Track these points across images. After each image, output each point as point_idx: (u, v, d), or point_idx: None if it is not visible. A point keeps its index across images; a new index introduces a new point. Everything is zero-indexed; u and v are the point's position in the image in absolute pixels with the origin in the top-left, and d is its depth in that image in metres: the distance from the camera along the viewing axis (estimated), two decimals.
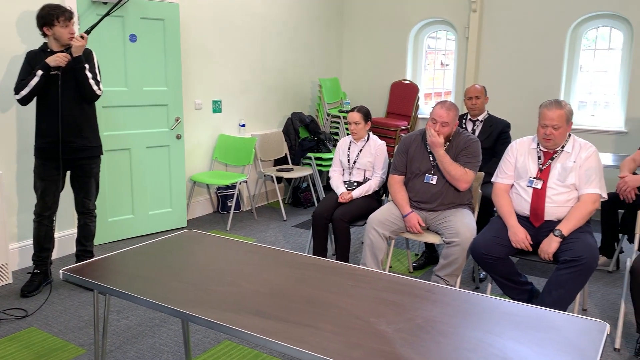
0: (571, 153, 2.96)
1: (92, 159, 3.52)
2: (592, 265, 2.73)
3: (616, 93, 5.58)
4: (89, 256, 3.65)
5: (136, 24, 4.30)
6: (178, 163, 4.76)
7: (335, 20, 6.75)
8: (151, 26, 4.39)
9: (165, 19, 4.44)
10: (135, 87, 4.39)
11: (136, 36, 4.30)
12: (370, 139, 3.88)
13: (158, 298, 1.89)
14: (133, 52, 4.32)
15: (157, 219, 4.70)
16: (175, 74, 4.58)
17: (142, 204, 4.59)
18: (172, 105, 4.61)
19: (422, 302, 1.87)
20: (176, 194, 4.79)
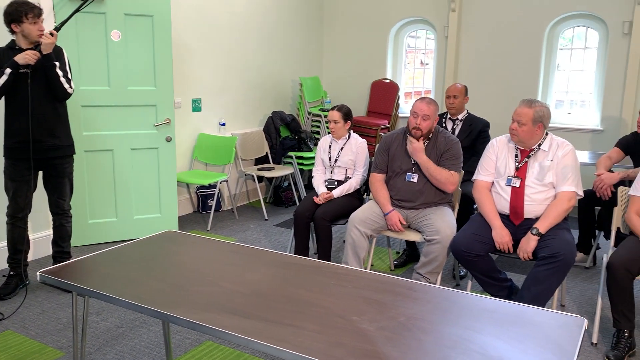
0: (548, 152, 3.01)
1: (64, 158, 3.45)
2: (569, 261, 2.77)
3: (592, 92, 5.68)
4: (66, 257, 3.60)
5: (119, 20, 4.14)
6: (168, 167, 4.53)
7: (315, 19, 6.75)
8: (137, 23, 4.20)
9: (154, 15, 4.23)
10: (119, 87, 4.24)
11: (119, 33, 4.17)
12: (351, 137, 3.89)
13: (139, 299, 1.87)
14: (116, 50, 4.19)
15: (144, 224, 4.52)
16: (165, 73, 4.37)
17: (126, 208, 4.44)
18: (161, 106, 4.39)
19: (403, 300, 1.88)
20: (167, 199, 4.56)
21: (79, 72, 4.10)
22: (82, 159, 4.22)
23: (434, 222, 3.23)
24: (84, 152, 4.22)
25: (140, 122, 4.37)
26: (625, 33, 5.27)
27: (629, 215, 2.98)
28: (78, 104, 4.14)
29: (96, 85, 4.18)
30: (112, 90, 4.23)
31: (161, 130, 4.43)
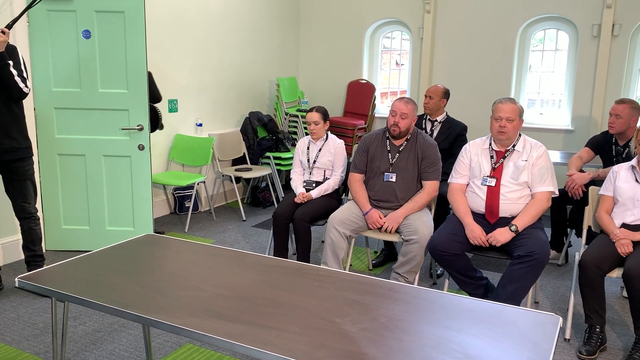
0: (522, 152, 3.08)
1: (23, 160, 3.35)
2: (543, 260, 2.85)
3: (563, 92, 5.81)
4: (40, 260, 3.52)
5: (90, 18, 3.96)
6: (142, 177, 4.17)
7: (292, 19, 6.75)
8: (109, 20, 3.94)
9: (125, 11, 3.92)
10: (90, 89, 4.04)
11: (90, 32, 3.98)
12: (329, 138, 3.92)
13: (119, 304, 1.86)
14: (87, 50, 3.99)
15: (117, 236, 4.26)
16: (138, 75, 4.01)
17: (99, 218, 4.23)
18: (134, 111, 4.05)
19: (384, 301, 1.91)
20: (140, 213, 4.23)
21: (51, 73, 4.00)
22: (55, 163, 4.13)
23: (411, 222, 3.28)
24: (58, 155, 4.12)
25: (112, 128, 4.11)
26: (594, 35, 5.41)
27: (599, 214, 3.08)
28: (51, 106, 4.05)
29: (68, 87, 4.04)
30: (83, 92, 4.05)
31: (133, 137, 4.11)
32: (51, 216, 4.21)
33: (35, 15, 3.91)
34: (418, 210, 3.37)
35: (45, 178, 4.17)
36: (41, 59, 3.99)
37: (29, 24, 3.93)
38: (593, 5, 5.37)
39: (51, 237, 4.25)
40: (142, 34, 3.99)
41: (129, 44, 4.00)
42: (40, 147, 4.12)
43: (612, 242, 2.90)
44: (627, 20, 5.25)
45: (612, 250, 2.86)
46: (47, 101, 4.04)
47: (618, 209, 3.01)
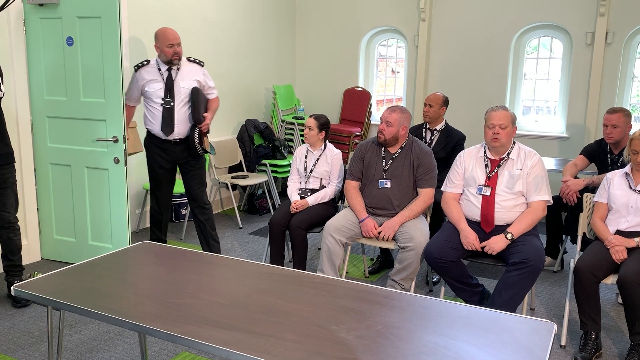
0: (516, 160, 3.10)
1: (3, 167, 3.29)
2: (539, 266, 2.86)
3: (558, 100, 5.85)
4: (19, 270, 3.48)
5: (73, 24, 3.79)
6: (118, 193, 3.92)
7: (288, 27, 6.78)
8: (88, 26, 3.76)
9: (102, 16, 3.70)
10: (74, 98, 3.90)
11: (73, 39, 3.82)
12: (327, 148, 3.93)
13: (116, 312, 1.86)
14: (71, 57, 3.86)
15: (98, 252, 4.08)
16: (113, 83, 3.75)
17: (83, 231, 4.09)
18: (110, 121, 3.81)
19: (380, 309, 1.92)
20: (117, 229, 3.99)
21: (44, 81, 3.98)
22: (48, 172, 4.12)
23: (407, 229, 3.29)
24: (50, 164, 4.09)
25: (92, 138, 3.93)
26: (588, 43, 5.45)
27: (594, 220, 3.10)
28: (43, 114, 4.03)
29: (56, 95, 3.97)
30: (68, 101, 3.94)
31: (110, 150, 3.87)
32: (46, 225, 4.20)
33: (30, 23, 3.91)
34: (414, 217, 3.38)
35: (41, 187, 4.16)
36: (36, 67, 3.99)
37: (25, 32, 3.94)
38: (586, 13, 5.42)
39: (45, 246, 4.24)
40: (117, 40, 3.71)
41: (105, 51, 3.76)
42: (36, 155, 4.12)
43: (607, 249, 2.92)
44: (621, 28, 5.30)
45: (606, 257, 2.88)
46: (42, 109, 4.04)
47: (612, 215, 3.03)
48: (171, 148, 3.92)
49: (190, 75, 3.88)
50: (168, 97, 3.81)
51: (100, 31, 3.75)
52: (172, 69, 3.82)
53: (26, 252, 4.10)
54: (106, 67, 3.78)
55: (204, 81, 3.95)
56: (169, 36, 3.74)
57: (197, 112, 3.84)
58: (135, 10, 4.71)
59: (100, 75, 3.81)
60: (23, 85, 3.97)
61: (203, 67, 3.97)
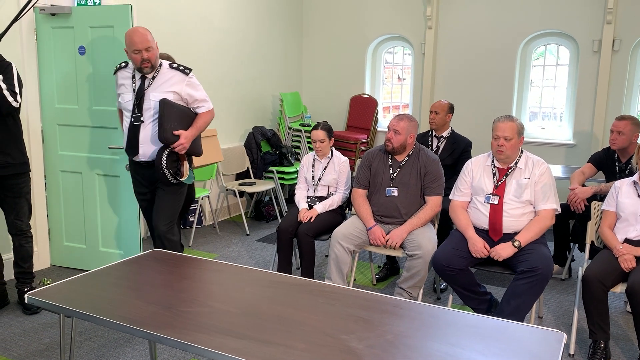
0: (524, 169, 3.11)
1: (18, 177, 3.31)
2: (547, 275, 2.86)
3: (564, 107, 5.85)
4: (30, 277, 3.51)
5: (85, 33, 3.87)
6: (129, 200, 3.97)
7: (295, 35, 6.83)
8: (101, 35, 3.85)
9: (114, 26, 3.80)
10: (85, 106, 3.97)
11: (85, 48, 3.89)
12: (334, 155, 3.94)
13: (127, 320, 1.88)
14: (83, 66, 3.93)
15: (109, 258, 4.13)
16: None
17: (93, 237, 4.13)
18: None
19: (390, 318, 1.93)
20: (128, 235, 4.05)
21: (55, 90, 4.02)
22: (58, 179, 4.15)
23: (415, 237, 3.30)
24: (60, 172, 4.13)
25: (104, 146, 4.00)
26: (594, 51, 5.46)
27: (602, 229, 3.09)
28: (54, 122, 4.07)
29: (67, 104, 4.02)
30: (79, 109, 4.00)
31: (122, 157, 3.93)
32: (56, 232, 4.24)
33: (42, 32, 3.96)
34: (422, 225, 3.39)
35: (51, 194, 4.20)
36: (47, 76, 4.04)
37: (37, 41, 3.99)
38: (593, 21, 5.43)
39: (55, 252, 4.27)
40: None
41: (117, 59, 3.82)
42: (46, 163, 4.16)
43: (615, 258, 2.91)
44: (627, 35, 5.30)
45: (615, 265, 2.87)
46: (52, 117, 4.08)
47: (620, 224, 3.03)
48: (141, 170, 3.39)
49: (167, 86, 3.23)
50: (137, 111, 3.23)
51: (113, 40, 3.83)
52: (146, 77, 3.25)
53: (36, 258, 4.13)
54: None
55: (186, 93, 3.27)
56: (135, 40, 3.14)
57: (161, 129, 3.16)
58: (143, 19, 4.76)
59: (113, 83, 3.85)
60: (34, 93, 4.01)
61: (189, 76, 3.29)
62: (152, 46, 3.16)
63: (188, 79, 3.27)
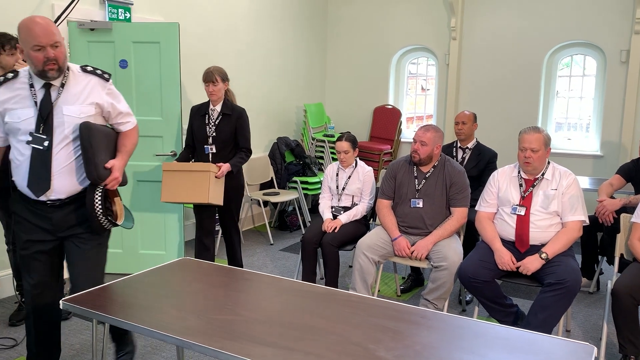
0: (551, 180, 3.09)
1: None
2: (575, 287, 2.83)
3: (591, 118, 5.79)
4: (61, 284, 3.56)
5: (127, 48, 4.08)
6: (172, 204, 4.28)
7: (319, 46, 6.89)
8: (145, 50, 4.09)
9: (160, 42, 4.07)
10: None
11: (127, 62, 4.13)
12: (358, 165, 3.97)
13: (159, 327, 1.92)
14: (124, 79, 4.13)
15: (149, 260, 4.34)
16: (172, 102, 4.15)
17: (132, 241, 4.34)
18: (167, 137, 4.19)
19: (417, 328, 1.93)
20: (171, 236, 4.34)
21: None
22: None
23: (441, 248, 3.29)
24: None
25: (146, 154, 4.22)
26: (622, 61, 5.40)
27: (632, 241, 3.05)
28: None
29: None
30: None
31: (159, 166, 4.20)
32: None
33: (76, 45, 4.08)
34: (447, 237, 3.38)
35: None
36: None
37: (70, 54, 4.11)
38: (621, 31, 5.37)
39: None
40: (177, 64, 4.12)
41: (163, 73, 4.14)
42: None
43: None
44: None
45: None
46: None
47: None
48: (46, 213, 2.42)
49: (84, 96, 2.42)
50: (42, 131, 2.33)
51: (159, 55, 4.13)
52: (53, 85, 2.36)
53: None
54: (164, 88, 4.16)
55: (109, 105, 2.50)
56: (36, 32, 2.22)
57: (90, 166, 2.35)
58: None
59: (158, 95, 4.16)
60: None
61: (109, 82, 2.52)
62: (59, 41, 2.27)
63: (109, 85, 2.51)
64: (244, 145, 3.89)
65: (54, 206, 2.41)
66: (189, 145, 3.95)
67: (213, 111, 3.84)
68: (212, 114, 3.84)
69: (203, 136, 3.84)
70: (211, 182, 3.63)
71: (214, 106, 3.83)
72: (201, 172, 3.63)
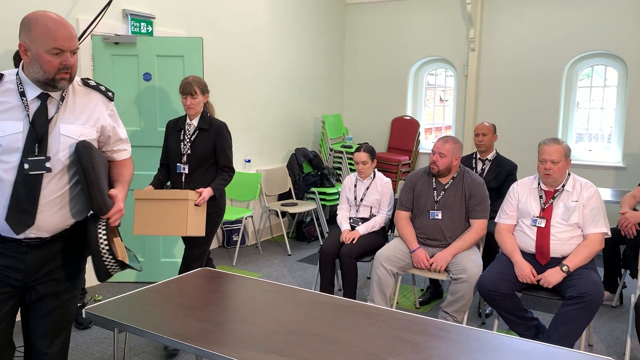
0: (572, 192, 3.06)
1: None
2: (597, 301, 2.79)
3: (613, 128, 5.72)
4: (82, 293, 3.60)
5: (151, 62, 4.19)
6: None
7: (337, 58, 6.93)
8: (169, 64, 4.21)
9: (185, 56, 4.21)
10: (150, 128, 4.27)
11: (151, 75, 4.21)
12: (376, 176, 3.97)
13: (179, 336, 1.94)
14: (148, 91, 4.23)
15: (170, 267, 4.41)
16: None
17: (154, 250, 4.41)
18: None
19: (436, 341, 1.93)
20: None
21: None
22: None
23: (460, 260, 3.27)
24: None
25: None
26: None
27: None
28: None
29: (128, 126, 4.22)
30: (142, 131, 4.29)
31: None
32: None
33: (99, 59, 4.17)
34: (466, 249, 3.36)
35: None
36: None
37: (93, 67, 4.20)
38: None
39: None
40: (200, 75, 4.15)
41: None
42: None
43: None
44: None
45: None
46: None
47: None
48: (20, 254, 1.91)
49: (86, 116, 1.99)
50: (37, 152, 1.87)
51: (183, 69, 4.21)
52: (51, 97, 1.91)
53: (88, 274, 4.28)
54: None
55: (111, 128, 2.09)
56: (62, 33, 1.83)
57: (95, 192, 1.91)
58: None
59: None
60: None
61: (112, 103, 2.11)
62: (78, 48, 1.92)
63: (111, 106, 2.11)
64: (225, 164, 3.44)
65: (30, 245, 1.91)
66: (164, 164, 3.55)
67: (189, 126, 3.42)
68: (187, 129, 3.42)
69: (177, 154, 3.42)
70: (190, 211, 3.13)
71: (191, 120, 3.42)
72: (178, 200, 3.13)
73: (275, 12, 5.86)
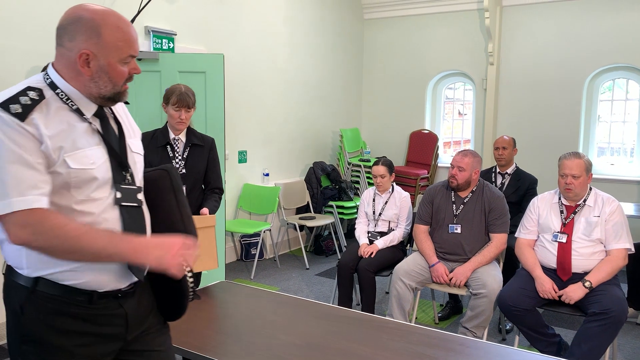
0: (594, 207, 3.01)
1: None
2: (621, 318, 2.74)
3: (636, 142, 5.64)
4: None
5: (174, 77, 4.26)
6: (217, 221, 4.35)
7: (355, 72, 6.97)
8: (191, 79, 4.19)
9: (206, 72, 4.27)
10: None
11: None
12: (394, 190, 3.96)
13: (199, 349, 1.95)
14: None
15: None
16: (217, 130, 4.25)
17: None
18: None
19: (456, 356, 1.91)
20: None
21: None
22: None
23: (480, 275, 3.24)
24: None
25: None
26: None
27: None
28: None
29: None
30: None
31: None
32: None
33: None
34: (486, 263, 3.33)
35: None
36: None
37: None
38: None
39: None
40: (221, 92, 4.27)
41: (209, 101, 4.28)
42: None
43: None
44: None
45: None
46: None
47: None
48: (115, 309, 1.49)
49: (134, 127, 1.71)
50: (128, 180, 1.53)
51: (204, 84, 4.27)
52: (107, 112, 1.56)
53: None
54: (208, 114, 4.28)
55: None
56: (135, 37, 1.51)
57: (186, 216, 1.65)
58: None
59: (203, 122, 4.26)
60: None
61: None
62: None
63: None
64: (216, 185, 3.04)
65: (127, 295, 1.51)
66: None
67: (177, 141, 3.00)
68: (176, 144, 3.00)
69: None
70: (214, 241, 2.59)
71: (176, 135, 3.00)
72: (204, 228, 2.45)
73: (294, 28, 5.92)
